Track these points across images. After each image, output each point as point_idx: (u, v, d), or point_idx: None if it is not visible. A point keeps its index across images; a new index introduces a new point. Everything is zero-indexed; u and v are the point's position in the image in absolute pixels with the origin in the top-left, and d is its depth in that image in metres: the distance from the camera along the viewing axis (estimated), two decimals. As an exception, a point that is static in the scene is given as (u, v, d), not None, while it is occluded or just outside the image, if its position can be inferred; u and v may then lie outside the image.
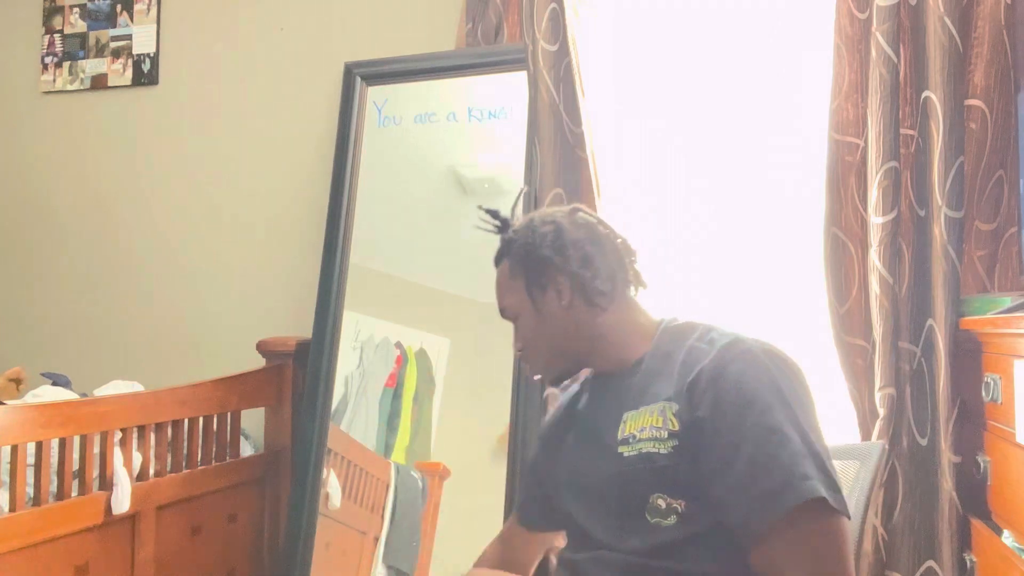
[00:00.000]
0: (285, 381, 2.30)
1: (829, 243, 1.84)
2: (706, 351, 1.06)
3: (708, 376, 1.02)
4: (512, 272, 1.21)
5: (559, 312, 1.17)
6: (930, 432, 1.74)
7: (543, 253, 1.17)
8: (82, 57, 2.81)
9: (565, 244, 1.17)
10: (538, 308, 1.18)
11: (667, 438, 1.03)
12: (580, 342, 1.18)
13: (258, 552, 2.24)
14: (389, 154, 2.33)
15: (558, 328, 1.18)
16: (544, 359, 1.21)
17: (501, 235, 1.26)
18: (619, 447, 1.07)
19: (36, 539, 1.60)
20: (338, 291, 2.28)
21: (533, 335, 1.20)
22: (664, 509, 1.02)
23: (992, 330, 1.46)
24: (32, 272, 2.85)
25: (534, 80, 2.05)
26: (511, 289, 1.21)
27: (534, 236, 1.19)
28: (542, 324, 1.19)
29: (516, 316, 1.21)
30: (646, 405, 1.07)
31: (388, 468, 2.15)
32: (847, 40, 1.83)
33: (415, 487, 2.13)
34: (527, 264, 1.19)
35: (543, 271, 1.18)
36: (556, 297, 1.18)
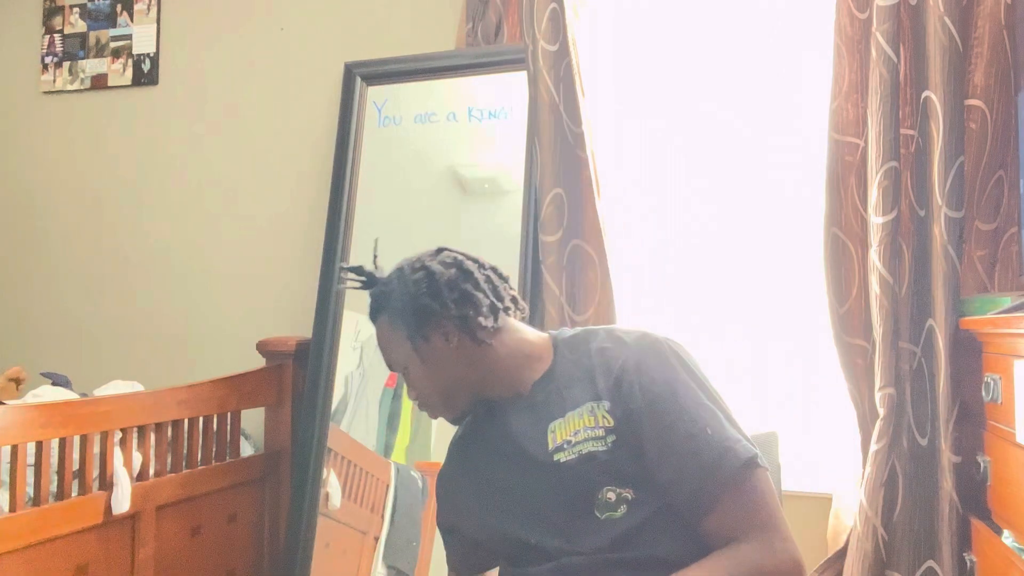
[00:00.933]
0: (285, 381, 2.30)
1: (829, 243, 1.84)
2: (618, 348, 1.12)
3: (632, 369, 1.09)
4: (393, 325, 1.20)
5: (448, 355, 1.18)
6: (930, 432, 1.74)
7: (422, 302, 1.17)
8: (82, 57, 2.81)
9: (440, 288, 1.17)
10: (424, 357, 1.18)
11: (604, 435, 1.07)
12: (474, 377, 1.19)
13: (258, 552, 2.24)
14: (389, 154, 2.33)
15: (450, 370, 1.18)
16: (442, 402, 1.21)
17: (370, 291, 1.25)
18: (554, 455, 1.09)
19: (36, 539, 1.60)
20: (338, 291, 2.28)
21: (426, 382, 1.19)
22: (614, 501, 1.06)
23: (992, 330, 1.46)
24: (32, 272, 2.85)
25: (534, 80, 2.05)
26: (394, 342, 1.20)
27: (407, 286, 1.19)
28: (433, 370, 1.19)
29: (405, 368, 1.20)
30: (571, 411, 1.10)
31: (388, 468, 2.15)
32: (847, 40, 1.83)
33: (415, 487, 2.13)
34: (407, 316, 1.18)
35: (425, 320, 1.17)
36: (443, 342, 1.18)
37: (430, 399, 1.21)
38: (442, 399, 1.20)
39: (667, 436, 1.05)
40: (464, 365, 1.18)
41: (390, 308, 1.20)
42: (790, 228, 2.08)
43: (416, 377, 1.20)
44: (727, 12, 2.15)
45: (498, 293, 1.22)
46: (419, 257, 1.24)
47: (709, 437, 1.04)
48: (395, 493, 2.13)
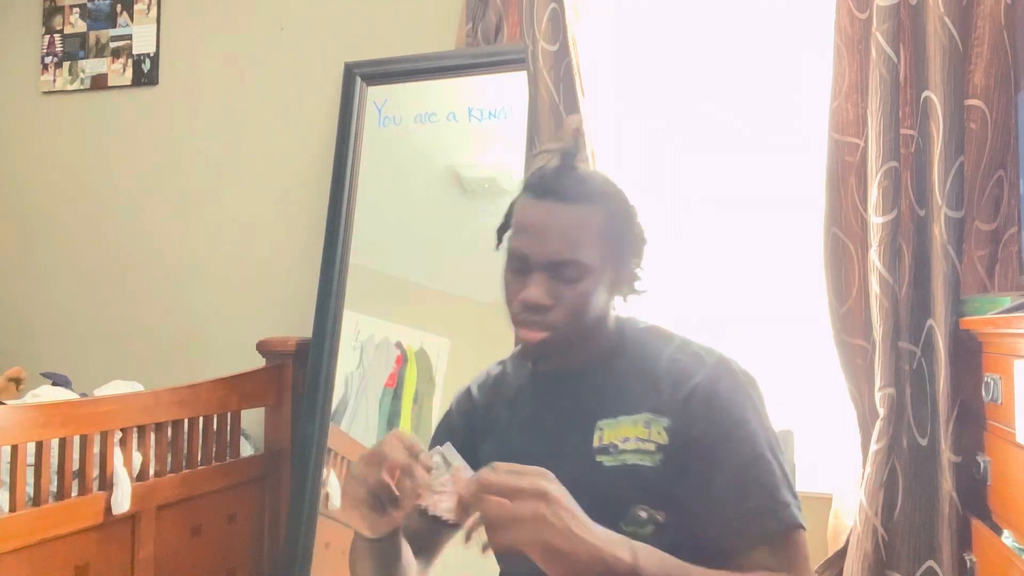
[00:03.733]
0: (285, 381, 2.30)
1: (829, 243, 1.84)
2: (694, 366, 1.03)
3: (703, 394, 1.01)
4: (593, 219, 1.03)
5: (601, 280, 1.04)
6: (930, 432, 1.74)
7: (638, 221, 1.07)
8: (82, 57, 2.81)
9: (640, 222, 1.07)
10: (598, 276, 1.03)
11: (655, 451, 1.00)
12: (592, 323, 1.05)
13: (258, 552, 2.24)
14: (389, 154, 2.33)
15: (598, 303, 1.05)
16: (566, 327, 1.03)
17: (566, 165, 1.07)
18: (597, 456, 1.02)
19: (36, 539, 1.60)
20: (338, 291, 2.28)
21: (580, 299, 1.02)
22: (644, 519, 0.99)
23: (992, 330, 1.46)
24: (32, 272, 2.85)
25: (534, 80, 2.05)
26: (587, 236, 1.02)
27: (622, 196, 1.07)
28: (594, 291, 1.03)
29: (577, 273, 1.02)
30: (626, 415, 1.02)
31: (388, 468, 2.15)
32: (847, 40, 1.83)
33: (415, 487, 2.13)
34: (620, 222, 1.05)
35: (636, 241, 1.07)
36: (625, 272, 1.07)
37: (561, 316, 1.02)
38: (569, 324, 1.03)
39: (719, 472, 0.98)
40: (604, 304, 1.06)
41: (598, 199, 1.04)
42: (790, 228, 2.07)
43: (577, 283, 1.02)
44: (727, 12, 2.15)
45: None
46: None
47: (761, 488, 0.97)
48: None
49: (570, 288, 1.02)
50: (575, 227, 1.02)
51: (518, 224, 1.06)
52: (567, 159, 1.07)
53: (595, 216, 1.03)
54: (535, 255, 1.02)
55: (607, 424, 1.03)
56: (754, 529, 0.96)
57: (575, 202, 1.03)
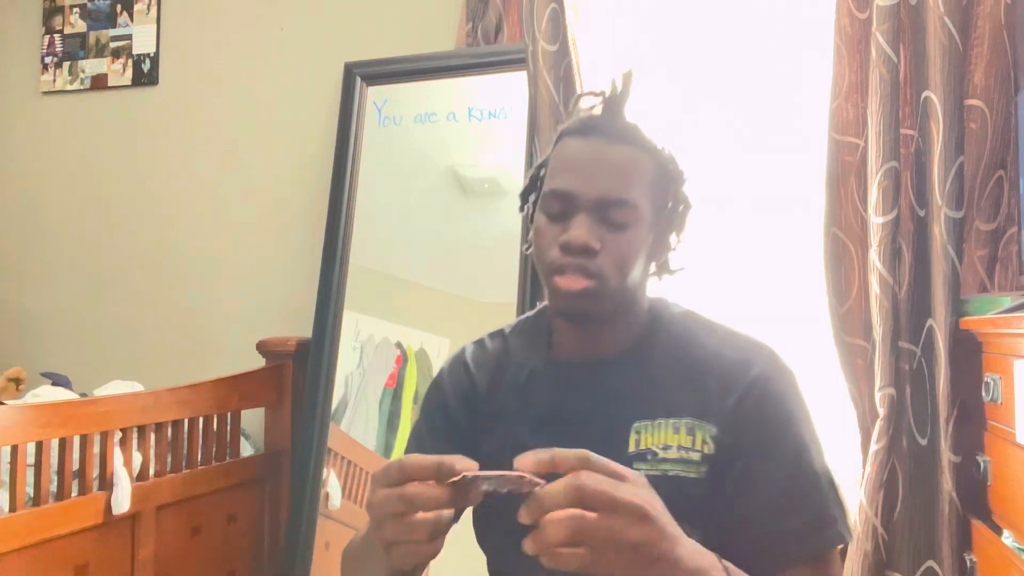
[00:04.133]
0: (285, 381, 2.30)
1: (829, 243, 1.84)
2: (744, 363, 0.92)
3: (755, 399, 0.90)
4: (644, 164, 0.95)
5: (644, 241, 0.95)
6: (930, 432, 1.73)
7: (684, 187, 1.01)
8: (82, 57, 2.81)
9: (685, 189, 1.01)
10: (646, 230, 0.94)
11: (699, 462, 0.89)
12: (632, 290, 0.96)
13: (258, 552, 2.24)
14: (389, 154, 2.33)
15: (640, 266, 0.95)
16: (611, 281, 0.92)
17: (615, 110, 0.98)
18: (634, 463, 0.89)
19: (36, 539, 1.60)
20: (338, 291, 2.28)
21: (628, 248, 0.92)
22: None
23: (992, 330, 1.46)
24: (32, 272, 2.85)
25: (534, 80, 2.05)
26: (639, 179, 0.94)
27: (672, 154, 0.99)
28: (641, 246, 0.94)
29: (627, 217, 0.92)
30: (664, 419, 0.91)
31: (388, 468, 2.15)
32: (847, 40, 1.83)
33: (415, 487, 2.13)
34: (669, 179, 0.98)
35: (682, 206, 1.01)
36: (665, 241, 1.00)
37: (600, 253, 0.91)
38: (611, 266, 0.92)
39: (766, 485, 0.88)
40: (641, 263, 0.96)
41: (646, 145, 0.96)
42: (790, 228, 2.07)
43: (625, 229, 0.92)
44: (727, 12, 2.15)
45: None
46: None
47: (809, 505, 0.88)
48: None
49: (617, 236, 0.92)
50: (628, 166, 0.93)
51: (560, 163, 0.96)
52: (615, 104, 0.98)
53: (646, 162, 0.95)
54: (583, 193, 0.91)
55: (644, 427, 0.92)
56: (797, 549, 0.87)
57: (627, 143, 0.94)
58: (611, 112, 0.98)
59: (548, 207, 0.94)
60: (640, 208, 0.93)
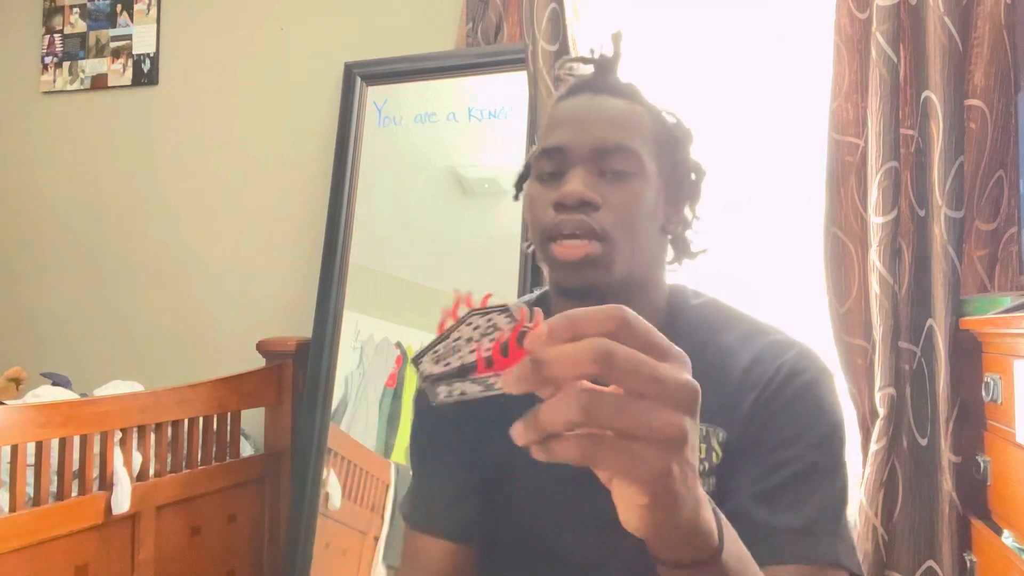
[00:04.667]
0: (285, 381, 2.30)
1: (829, 243, 1.84)
2: (768, 359, 0.84)
3: (775, 394, 0.81)
4: (642, 117, 0.88)
5: (662, 223, 0.88)
6: (930, 432, 1.74)
7: (692, 149, 0.94)
8: (82, 57, 2.81)
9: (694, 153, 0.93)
10: (652, 185, 0.86)
11: (707, 473, 0.80)
12: (640, 269, 0.86)
13: (258, 552, 2.24)
14: (389, 154, 2.33)
15: (652, 232, 0.87)
16: (618, 241, 0.82)
17: (606, 69, 0.91)
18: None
19: (36, 539, 1.60)
20: (338, 291, 2.28)
21: (632, 200, 0.83)
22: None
23: (992, 330, 1.46)
24: (32, 271, 2.85)
25: (534, 80, 2.05)
26: (637, 128, 0.87)
27: (673, 113, 0.93)
28: (647, 200, 0.85)
29: (627, 164, 0.84)
30: None
31: (388, 468, 2.15)
32: (847, 40, 1.83)
33: (415, 487, 2.13)
34: (672, 139, 0.91)
35: (693, 173, 0.94)
36: (678, 213, 0.92)
37: (601, 208, 0.82)
38: (615, 221, 0.82)
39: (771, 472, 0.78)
40: (652, 231, 0.87)
41: (643, 101, 0.90)
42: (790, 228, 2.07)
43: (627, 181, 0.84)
44: (727, 11, 2.15)
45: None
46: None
47: (812, 505, 0.77)
48: (395, 493, 2.13)
49: (619, 187, 0.83)
50: (624, 116, 0.86)
51: (550, 123, 0.89)
52: (606, 64, 0.91)
53: (645, 116, 0.88)
54: (576, 144, 0.84)
55: None
56: (790, 549, 0.76)
57: (621, 97, 0.88)
58: (603, 71, 0.91)
59: (539, 169, 0.87)
60: (641, 157, 0.84)
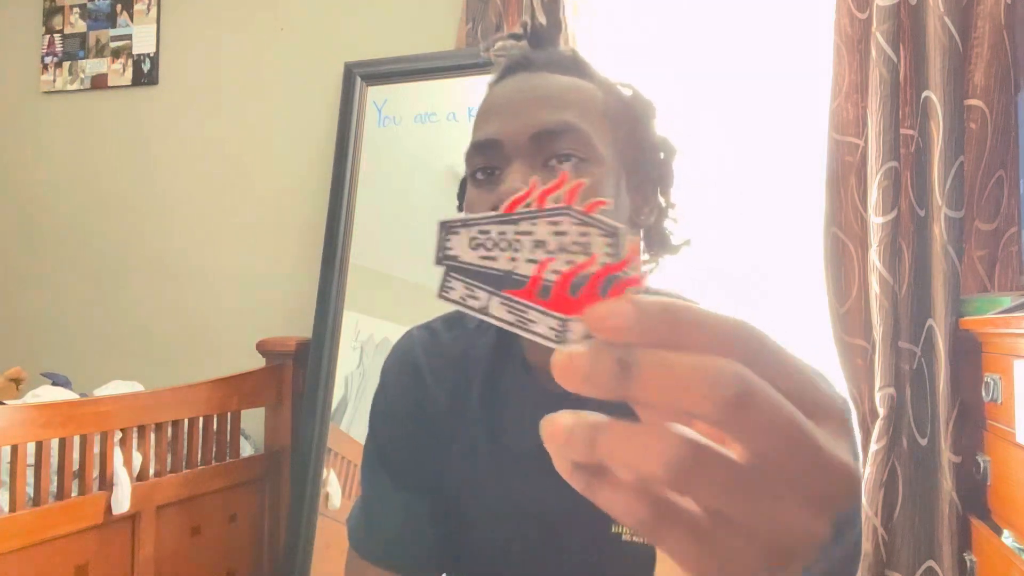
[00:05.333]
0: (285, 381, 2.30)
1: (829, 243, 1.84)
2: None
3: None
4: (590, 93, 0.76)
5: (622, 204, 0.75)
6: (930, 432, 1.74)
7: (655, 123, 0.80)
8: (82, 57, 2.81)
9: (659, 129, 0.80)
10: (611, 173, 0.72)
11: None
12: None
13: (258, 552, 2.24)
14: (389, 154, 2.33)
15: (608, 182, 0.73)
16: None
17: (542, 39, 0.81)
18: (613, 524, 0.70)
19: (36, 539, 1.60)
20: (338, 291, 2.28)
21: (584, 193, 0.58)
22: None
23: (992, 330, 1.46)
24: (32, 272, 2.85)
25: (534, 80, 2.05)
26: (585, 106, 0.74)
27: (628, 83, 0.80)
28: (600, 181, 0.72)
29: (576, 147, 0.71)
30: None
31: (388, 468, 2.15)
32: (847, 40, 1.83)
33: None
34: (630, 116, 0.78)
35: (662, 151, 0.80)
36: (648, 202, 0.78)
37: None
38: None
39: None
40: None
41: (590, 74, 0.79)
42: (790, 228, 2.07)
43: (558, 150, 0.71)
44: (727, 11, 2.15)
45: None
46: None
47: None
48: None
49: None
50: (566, 92, 0.74)
51: (480, 112, 0.77)
52: (541, 34, 0.80)
53: (592, 91, 0.76)
54: (509, 134, 0.72)
55: None
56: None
57: (564, 72, 0.76)
58: (538, 43, 0.80)
59: (473, 167, 0.75)
60: (591, 138, 0.71)
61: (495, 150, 0.72)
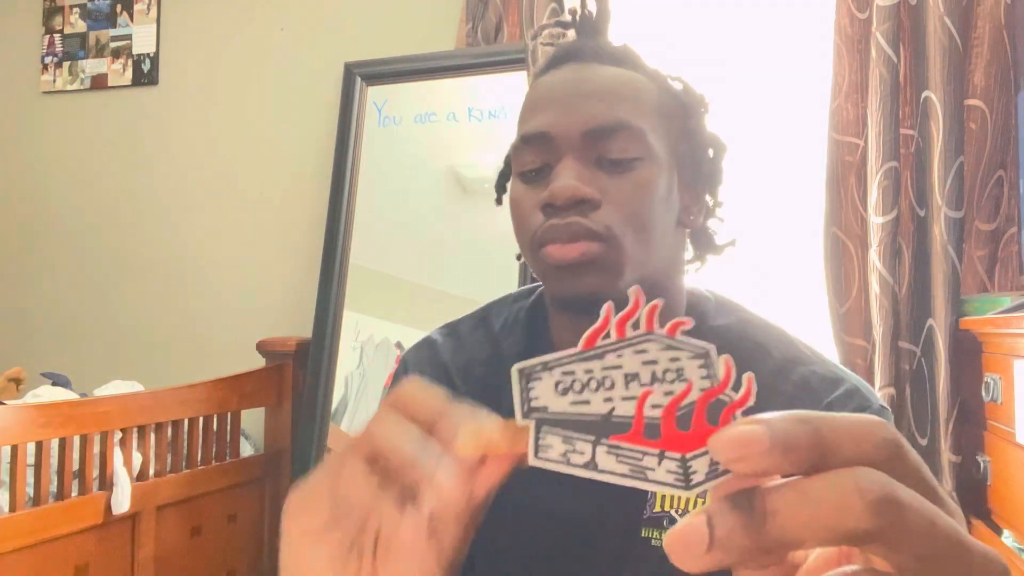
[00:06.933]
0: (285, 381, 2.30)
1: (829, 243, 1.84)
2: (810, 396, 0.70)
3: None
4: (644, 86, 0.72)
5: (673, 207, 0.71)
6: (930, 432, 1.74)
7: (707, 121, 0.77)
8: (82, 57, 2.81)
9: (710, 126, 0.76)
10: (664, 170, 0.69)
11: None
12: (655, 275, 0.71)
13: (258, 552, 2.24)
14: (389, 154, 2.33)
15: (668, 231, 0.71)
16: (623, 240, 0.67)
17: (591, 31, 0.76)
18: (643, 528, 0.67)
19: (36, 539, 1.60)
20: (338, 291, 2.28)
21: (641, 191, 0.67)
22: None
23: (992, 330, 1.46)
24: (32, 272, 2.85)
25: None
26: (640, 101, 0.71)
27: (681, 78, 0.77)
28: (660, 189, 0.69)
29: (631, 148, 0.68)
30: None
31: (388, 468, 2.15)
32: (847, 40, 1.83)
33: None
34: (683, 110, 0.75)
35: (712, 149, 0.76)
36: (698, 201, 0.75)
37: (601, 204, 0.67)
38: (620, 219, 0.67)
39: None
40: (669, 227, 0.71)
41: (642, 67, 0.75)
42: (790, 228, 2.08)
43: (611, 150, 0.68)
44: (727, 12, 2.15)
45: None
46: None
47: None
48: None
49: (622, 177, 0.67)
50: (620, 86, 0.70)
51: (529, 104, 0.73)
52: (591, 24, 0.76)
53: (646, 83, 0.72)
54: (563, 129, 0.68)
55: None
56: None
57: (616, 63, 0.72)
58: (588, 33, 0.76)
59: (522, 164, 0.71)
60: (646, 136, 0.68)
61: (545, 144, 0.69)
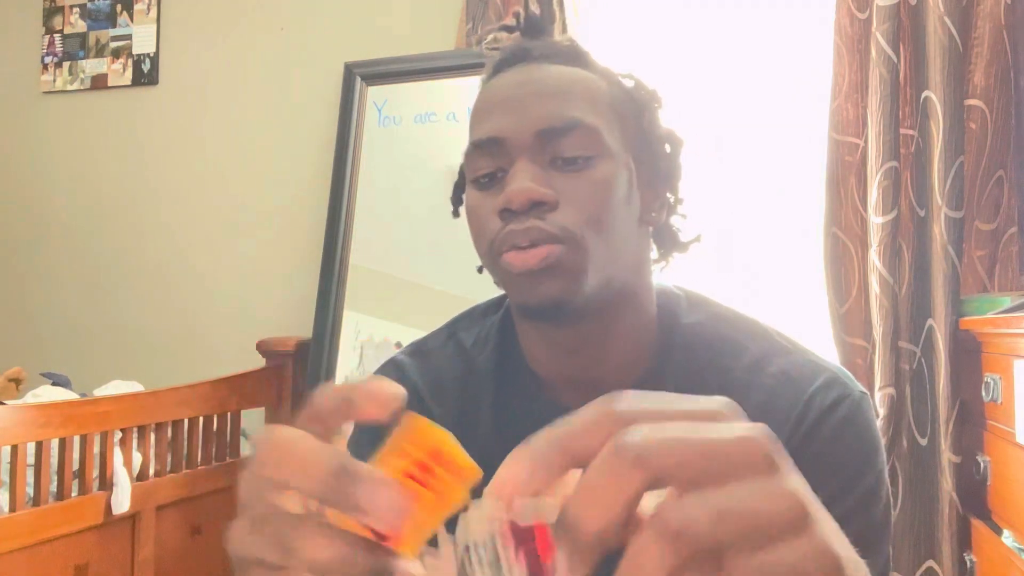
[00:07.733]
0: (285, 381, 2.30)
1: (829, 243, 1.84)
2: (792, 391, 0.70)
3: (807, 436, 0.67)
4: (594, 83, 0.71)
5: (633, 202, 0.70)
6: (930, 432, 1.74)
7: (661, 115, 0.75)
8: (82, 57, 2.81)
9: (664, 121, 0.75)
10: (621, 165, 0.68)
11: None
12: (620, 276, 0.69)
13: (258, 552, 2.24)
14: (389, 154, 2.33)
15: (630, 228, 0.70)
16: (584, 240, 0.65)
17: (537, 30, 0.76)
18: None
19: (36, 539, 1.60)
20: (338, 291, 2.28)
21: (599, 189, 0.66)
22: None
23: (992, 330, 1.46)
24: (32, 272, 2.85)
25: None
26: (592, 98, 0.69)
27: (632, 74, 0.76)
28: (619, 186, 0.67)
29: (586, 144, 0.66)
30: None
31: (388, 468, 2.15)
32: (847, 40, 1.83)
33: (415, 487, 2.13)
34: (636, 106, 0.73)
35: (668, 145, 0.74)
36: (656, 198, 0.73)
37: (558, 205, 0.65)
38: (578, 218, 0.65)
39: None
40: (626, 224, 0.69)
41: (591, 64, 0.73)
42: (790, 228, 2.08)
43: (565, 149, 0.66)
44: (727, 12, 2.15)
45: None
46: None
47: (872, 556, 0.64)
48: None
49: (578, 176, 0.66)
50: (571, 84, 0.69)
51: (478, 109, 0.71)
52: (537, 25, 0.75)
53: (597, 83, 0.71)
54: (515, 131, 0.66)
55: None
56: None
57: (565, 62, 0.71)
58: (534, 33, 0.75)
59: (475, 170, 0.70)
60: (601, 134, 0.67)
61: (498, 148, 0.67)
